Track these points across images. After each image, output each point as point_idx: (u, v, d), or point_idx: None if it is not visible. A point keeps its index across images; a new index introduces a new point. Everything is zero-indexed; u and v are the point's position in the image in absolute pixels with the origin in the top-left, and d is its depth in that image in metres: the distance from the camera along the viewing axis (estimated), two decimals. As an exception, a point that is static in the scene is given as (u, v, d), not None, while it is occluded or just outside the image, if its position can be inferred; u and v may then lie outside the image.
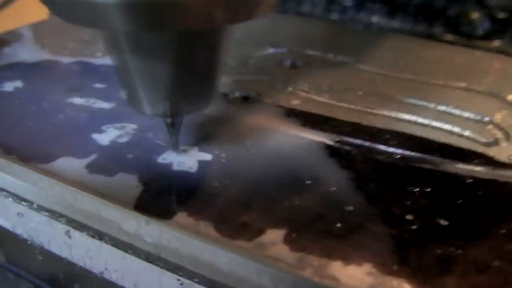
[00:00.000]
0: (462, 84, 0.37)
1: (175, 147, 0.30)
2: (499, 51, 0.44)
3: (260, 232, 0.24)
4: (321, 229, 0.24)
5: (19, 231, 0.32)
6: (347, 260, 0.22)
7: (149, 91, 0.27)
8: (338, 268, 0.22)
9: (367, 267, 0.22)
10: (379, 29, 0.49)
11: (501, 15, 0.45)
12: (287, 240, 0.23)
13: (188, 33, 0.25)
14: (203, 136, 0.30)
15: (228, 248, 0.23)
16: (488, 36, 0.46)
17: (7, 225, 0.33)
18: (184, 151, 0.30)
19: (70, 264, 0.31)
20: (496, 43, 0.45)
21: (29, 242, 0.32)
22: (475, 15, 0.46)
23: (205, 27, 0.25)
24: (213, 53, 0.27)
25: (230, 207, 0.26)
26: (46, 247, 0.31)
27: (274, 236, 0.24)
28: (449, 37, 0.47)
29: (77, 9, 0.23)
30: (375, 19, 0.50)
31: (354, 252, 0.23)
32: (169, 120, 0.29)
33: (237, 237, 0.24)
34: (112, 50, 0.27)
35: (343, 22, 0.51)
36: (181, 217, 0.25)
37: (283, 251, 0.23)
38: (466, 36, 0.46)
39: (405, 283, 0.21)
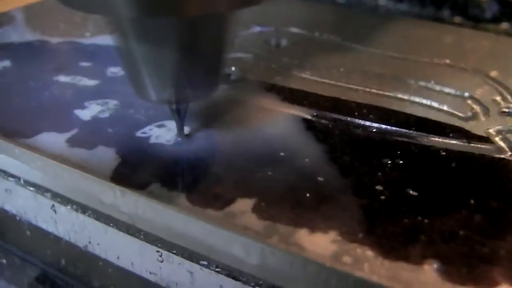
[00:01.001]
0: (447, 61, 0.37)
1: (180, 133, 0.30)
2: (508, 33, 0.44)
3: (231, 201, 0.24)
4: (290, 199, 0.25)
5: (7, 207, 0.33)
6: (313, 228, 0.23)
7: (154, 77, 0.27)
8: (304, 236, 0.22)
9: (332, 235, 0.22)
10: (386, 12, 0.49)
11: (510, -2, 0.45)
12: (256, 209, 0.24)
13: (194, 19, 0.25)
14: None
15: (198, 216, 0.24)
16: (496, 19, 0.46)
17: (-4, 201, 0.33)
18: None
19: (57, 239, 0.31)
20: (505, 25, 0.45)
21: (18, 218, 0.33)
22: (484, -3, 0.46)
23: (214, 12, 0.25)
24: (218, 38, 0.27)
25: (204, 178, 0.26)
26: (33, 222, 0.32)
27: (243, 206, 0.24)
28: (457, 20, 0.46)
29: None
30: (382, 2, 0.50)
31: (322, 221, 0.23)
32: (174, 107, 0.29)
33: (208, 206, 0.24)
34: (116, 36, 0.27)
35: (349, 5, 0.51)
36: (155, 187, 0.26)
37: (252, 220, 0.23)
38: (474, 19, 0.46)
39: (369, 251, 0.22)
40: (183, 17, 0.24)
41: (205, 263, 0.25)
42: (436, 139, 0.29)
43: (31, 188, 0.30)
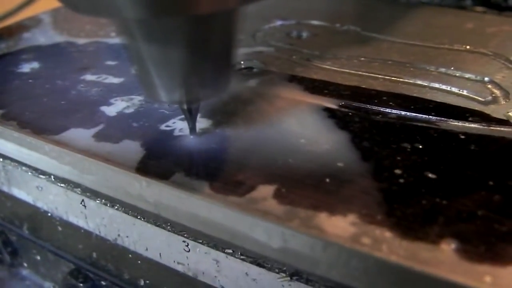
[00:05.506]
0: (468, 47, 0.37)
1: (193, 132, 0.30)
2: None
3: (252, 188, 0.25)
4: (310, 185, 0.25)
5: (39, 204, 0.34)
6: (333, 212, 0.23)
7: (164, 78, 0.26)
8: (323, 219, 0.23)
9: (351, 217, 0.23)
10: (408, 1, 0.49)
11: (533, -16, 0.45)
12: (277, 195, 0.24)
13: (201, 17, 0.24)
14: (205, 103, 0.31)
15: (220, 203, 0.24)
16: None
17: (29, 199, 0.34)
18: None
19: (87, 233, 0.32)
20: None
21: (49, 214, 0.34)
22: (506, -15, 0.46)
23: (224, 9, 0.24)
24: (226, 35, 0.27)
25: (226, 167, 0.27)
26: (64, 218, 0.33)
27: (264, 192, 0.25)
28: (479, 9, 0.46)
29: None
30: (403, -9, 0.50)
31: (341, 205, 0.24)
32: (185, 107, 0.29)
33: (230, 193, 0.25)
34: (124, 37, 0.27)
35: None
36: (179, 177, 0.26)
37: (273, 205, 0.24)
38: (497, 7, 0.46)
39: (388, 232, 0.22)
40: (193, 15, 0.24)
41: (230, 251, 0.26)
42: (455, 123, 0.29)
43: (62, 184, 0.31)
